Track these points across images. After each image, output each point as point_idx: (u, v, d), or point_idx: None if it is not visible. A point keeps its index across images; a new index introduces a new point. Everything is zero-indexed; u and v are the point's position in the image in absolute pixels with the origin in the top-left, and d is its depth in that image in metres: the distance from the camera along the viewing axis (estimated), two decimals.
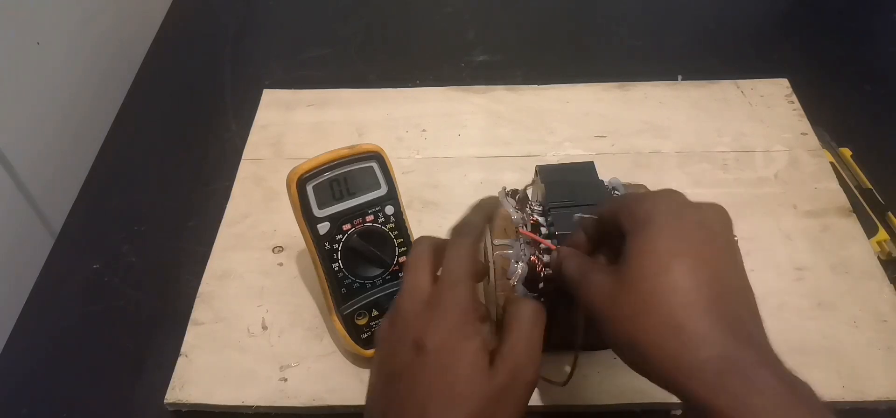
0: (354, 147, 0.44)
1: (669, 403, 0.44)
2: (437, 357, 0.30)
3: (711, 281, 0.29)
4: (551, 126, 0.63)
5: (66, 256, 0.56)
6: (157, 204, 0.59)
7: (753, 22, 0.79)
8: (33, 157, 0.59)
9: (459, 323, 0.31)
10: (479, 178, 0.58)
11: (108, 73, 0.70)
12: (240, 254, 0.53)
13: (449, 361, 0.30)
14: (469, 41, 0.75)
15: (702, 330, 0.27)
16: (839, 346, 0.46)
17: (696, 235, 0.30)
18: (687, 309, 0.28)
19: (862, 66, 0.71)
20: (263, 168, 0.60)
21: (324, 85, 0.68)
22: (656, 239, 0.30)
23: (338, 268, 0.44)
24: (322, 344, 0.47)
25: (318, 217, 0.43)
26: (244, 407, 0.44)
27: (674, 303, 0.28)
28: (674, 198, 0.32)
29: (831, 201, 0.55)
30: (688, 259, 0.29)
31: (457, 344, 0.31)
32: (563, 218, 0.41)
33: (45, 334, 0.51)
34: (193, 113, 0.68)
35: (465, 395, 0.30)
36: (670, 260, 0.29)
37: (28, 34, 0.59)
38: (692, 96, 0.65)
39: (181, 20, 0.80)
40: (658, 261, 0.29)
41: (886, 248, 0.53)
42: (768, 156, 0.59)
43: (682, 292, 0.28)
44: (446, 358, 0.30)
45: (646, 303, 0.29)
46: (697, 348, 0.27)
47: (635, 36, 0.76)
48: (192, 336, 0.48)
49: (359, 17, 0.79)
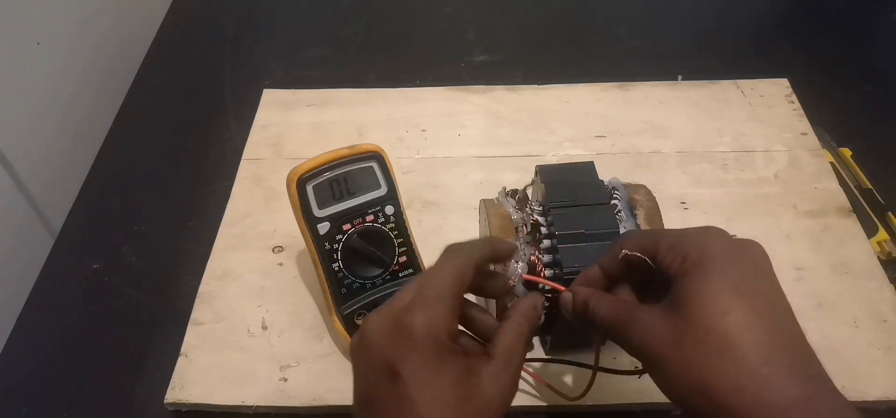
0: (354, 147, 0.44)
1: (669, 403, 0.44)
2: (412, 386, 0.28)
3: (773, 320, 0.28)
4: (551, 126, 0.63)
5: (66, 256, 0.56)
6: (157, 204, 0.59)
7: (753, 22, 0.79)
8: (33, 157, 0.59)
9: (434, 350, 0.29)
10: (479, 178, 0.58)
11: (108, 73, 0.70)
12: (240, 254, 0.53)
13: (425, 390, 0.29)
14: (469, 41, 0.75)
15: (781, 372, 0.27)
16: (839, 346, 0.46)
17: (752, 275, 0.30)
18: (762, 350, 0.27)
19: (862, 66, 0.71)
20: (263, 168, 0.60)
21: (324, 85, 0.68)
22: (717, 280, 0.29)
23: (338, 268, 0.44)
24: (322, 344, 0.47)
25: (318, 217, 0.43)
26: (244, 407, 0.44)
27: (748, 344, 0.27)
28: (723, 237, 0.31)
29: (831, 201, 0.55)
30: (751, 299, 0.28)
31: (434, 372, 0.29)
32: (563, 218, 0.41)
33: (45, 334, 0.51)
34: (193, 113, 0.68)
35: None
36: (735, 300, 0.28)
37: (28, 34, 0.59)
38: (692, 96, 0.65)
39: (181, 20, 0.80)
40: (724, 301, 0.28)
41: (886, 248, 0.53)
42: (768, 156, 0.59)
43: (755, 332, 0.27)
44: (422, 388, 0.29)
45: (718, 346, 0.28)
46: (780, 391, 0.26)
47: (635, 36, 0.76)
48: (192, 336, 0.48)
49: (359, 17, 0.79)
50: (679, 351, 0.29)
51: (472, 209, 0.51)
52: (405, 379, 0.28)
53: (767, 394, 0.26)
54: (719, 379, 0.27)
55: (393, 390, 0.29)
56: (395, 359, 0.29)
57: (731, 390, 0.27)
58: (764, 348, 0.27)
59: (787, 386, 0.27)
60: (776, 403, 0.26)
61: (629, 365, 0.36)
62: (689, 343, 0.28)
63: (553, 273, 0.40)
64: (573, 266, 0.39)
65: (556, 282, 0.40)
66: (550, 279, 0.40)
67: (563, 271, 0.39)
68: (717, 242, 0.30)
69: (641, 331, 0.30)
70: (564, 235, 0.40)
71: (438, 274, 0.32)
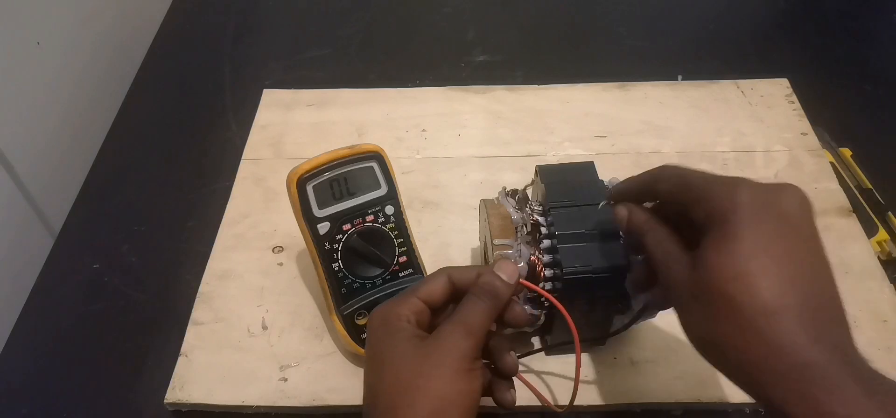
0: (354, 147, 0.44)
1: (669, 403, 0.44)
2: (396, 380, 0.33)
3: (795, 282, 0.28)
4: (551, 126, 0.63)
5: (66, 256, 0.56)
6: (157, 204, 0.59)
7: (753, 22, 0.79)
8: (33, 157, 0.59)
9: (455, 363, 0.33)
10: (479, 178, 0.58)
11: (108, 73, 0.70)
12: (240, 254, 0.53)
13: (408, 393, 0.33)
14: (469, 41, 0.75)
15: (786, 338, 0.27)
16: None
17: (779, 233, 0.29)
18: (771, 316, 0.28)
19: (862, 66, 0.71)
20: (263, 168, 0.60)
21: (324, 85, 0.68)
22: (738, 239, 0.29)
23: (338, 268, 0.44)
24: (322, 344, 0.47)
25: (318, 217, 0.43)
26: (244, 407, 0.44)
27: (756, 308, 0.28)
28: (752, 192, 0.31)
29: (831, 201, 0.55)
30: (771, 261, 0.29)
31: (411, 377, 0.33)
32: (563, 218, 0.41)
33: (45, 334, 0.51)
34: (193, 113, 0.68)
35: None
36: (753, 263, 0.29)
37: (28, 34, 0.59)
38: (692, 96, 0.65)
39: (181, 20, 0.80)
40: (741, 263, 0.29)
41: (886, 248, 0.53)
42: (768, 156, 0.59)
43: (766, 298, 0.28)
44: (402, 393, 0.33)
45: (728, 306, 0.29)
46: (781, 355, 0.27)
47: (635, 36, 0.76)
48: (192, 336, 0.48)
49: (359, 17, 0.79)
50: (696, 306, 0.31)
51: (472, 209, 0.51)
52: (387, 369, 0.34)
53: (768, 360, 0.28)
54: (726, 338, 0.29)
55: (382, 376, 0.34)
56: (382, 351, 0.34)
57: (735, 349, 0.29)
58: (773, 314, 0.28)
59: (789, 352, 0.27)
60: (775, 367, 0.27)
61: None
62: (704, 299, 0.30)
63: (553, 273, 0.40)
64: (573, 266, 0.39)
65: (555, 282, 0.40)
66: (550, 279, 0.40)
67: (563, 271, 0.39)
68: (744, 198, 0.30)
69: (670, 276, 0.32)
70: (564, 235, 0.40)
71: (478, 308, 0.35)
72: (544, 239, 0.41)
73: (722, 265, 0.29)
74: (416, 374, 0.32)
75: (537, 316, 0.41)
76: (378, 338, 0.35)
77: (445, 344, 0.33)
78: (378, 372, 0.34)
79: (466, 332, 0.34)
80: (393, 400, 0.32)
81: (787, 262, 0.29)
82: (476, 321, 0.34)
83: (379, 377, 0.34)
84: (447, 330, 0.34)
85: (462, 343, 0.33)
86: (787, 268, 0.29)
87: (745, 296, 0.28)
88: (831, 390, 0.26)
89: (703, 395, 0.44)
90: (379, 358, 0.34)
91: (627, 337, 0.46)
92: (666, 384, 0.44)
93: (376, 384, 0.34)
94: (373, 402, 0.34)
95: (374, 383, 0.34)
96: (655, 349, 0.46)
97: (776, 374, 0.28)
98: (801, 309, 0.28)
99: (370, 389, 0.34)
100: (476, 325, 0.34)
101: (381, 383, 0.33)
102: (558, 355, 0.46)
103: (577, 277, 0.39)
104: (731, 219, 0.30)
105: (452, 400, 0.32)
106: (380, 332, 0.35)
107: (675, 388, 0.44)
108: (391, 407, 0.32)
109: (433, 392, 0.32)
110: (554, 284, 0.40)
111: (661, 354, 0.46)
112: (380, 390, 0.33)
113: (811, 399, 0.26)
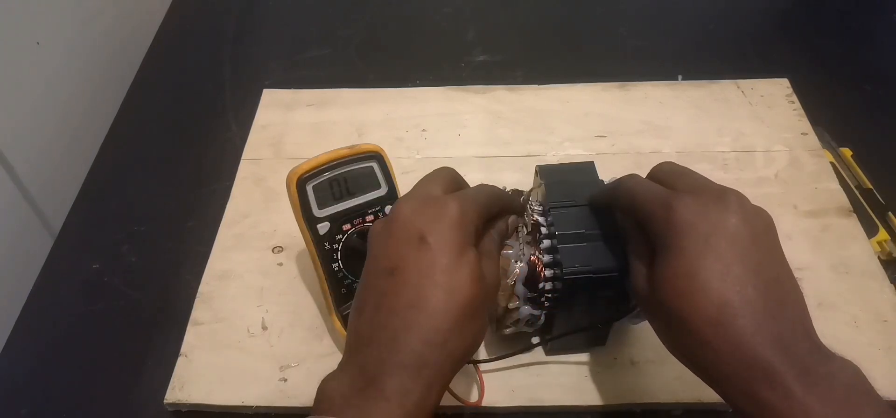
0: (354, 147, 0.44)
1: (669, 403, 0.44)
2: (438, 253, 0.31)
3: (738, 289, 0.30)
4: (551, 126, 0.63)
5: (66, 256, 0.56)
6: (157, 204, 0.59)
7: (753, 22, 0.79)
8: (33, 157, 0.59)
9: (463, 230, 0.33)
10: (479, 178, 0.57)
11: (108, 73, 0.70)
12: (240, 254, 0.53)
13: (449, 260, 0.31)
14: (469, 41, 0.75)
15: (731, 345, 0.29)
16: (839, 346, 0.45)
17: (718, 244, 0.31)
18: (716, 326, 0.30)
19: (862, 66, 0.71)
20: (263, 168, 0.60)
21: (324, 85, 0.68)
22: (679, 257, 0.31)
23: (338, 268, 0.44)
24: (322, 344, 0.47)
25: (318, 217, 0.43)
26: (244, 407, 0.44)
27: (703, 320, 0.30)
28: (688, 207, 0.32)
29: (831, 201, 0.55)
30: (711, 275, 0.30)
31: (459, 248, 0.32)
32: (563, 218, 0.41)
33: (45, 334, 0.51)
34: (193, 113, 0.68)
35: (462, 293, 0.31)
36: (694, 280, 0.30)
37: (28, 34, 0.59)
38: (692, 96, 0.65)
39: (181, 20, 0.80)
40: (682, 282, 0.31)
41: (887, 248, 0.53)
42: (768, 156, 0.59)
43: (710, 312, 0.30)
44: (447, 258, 0.31)
45: (678, 321, 0.31)
46: (729, 360, 0.29)
47: (635, 36, 0.76)
48: (192, 336, 0.48)
49: (359, 17, 0.79)
50: (654, 320, 0.34)
51: None
52: (431, 245, 0.31)
53: (722, 364, 0.30)
54: (683, 349, 0.32)
55: (418, 254, 0.31)
56: (426, 230, 0.32)
57: (695, 358, 0.31)
58: (717, 323, 0.30)
59: (742, 352, 0.29)
60: (728, 370, 0.30)
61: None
62: (660, 317, 0.33)
63: (553, 273, 0.40)
64: (573, 266, 0.39)
65: (555, 282, 0.40)
66: (550, 279, 0.40)
67: (564, 271, 0.39)
68: (679, 217, 0.32)
69: (635, 290, 0.35)
70: (564, 235, 0.40)
71: (477, 188, 0.37)
72: (544, 239, 0.40)
73: (667, 284, 0.32)
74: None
75: (537, 316, 0.41)
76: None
77: (492, 289, 0.35)
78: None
79: (461, 198, 0.34)
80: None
81: (727, 272, 0.30)
82: (470, 192, 0.36)
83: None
84: (490, 270, 0.35)
85: (453, 206, 0.33)
86: (728, 279, 0.30)
87: (690, 312, 0.30)
88: (774, 387, 0.28)
89: (703, 395, 0.44)
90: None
91: (627, 337, 0.46)
92: (666, 384, 0.44)
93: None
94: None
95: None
96: (655, 349, 0.46)
97: (727, 378, 0.30)
98: (746, 313, 0.29)
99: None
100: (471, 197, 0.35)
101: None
102: (558, 355, 0.46)
103: (577, 277, 0.39)
104: (671, 238, 0.32)
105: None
106: (445, 227, 0.33)
107: (675, 388, 0.44)
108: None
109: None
110: (554, 284, 0.40)
111: (661, 354, 0.45)
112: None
113: (757, 398, 0.28)
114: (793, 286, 0.31)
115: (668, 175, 0.36)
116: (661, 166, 0.38)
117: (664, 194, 0.34)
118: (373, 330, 0.31)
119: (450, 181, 0.37)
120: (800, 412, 0.27)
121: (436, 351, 0.30)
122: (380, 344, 0.31)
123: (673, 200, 0.33)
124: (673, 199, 0.33)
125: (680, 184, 0.34)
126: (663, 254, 0.32)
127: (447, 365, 0.31)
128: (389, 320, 0.31)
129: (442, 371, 0.31)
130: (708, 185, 0.34)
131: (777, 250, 0.32)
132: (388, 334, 0.30)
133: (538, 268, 0.40)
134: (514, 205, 0.41)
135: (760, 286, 0.30)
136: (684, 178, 0.35)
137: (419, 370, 0.30)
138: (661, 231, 0.33)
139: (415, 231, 0.32)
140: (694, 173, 0.36)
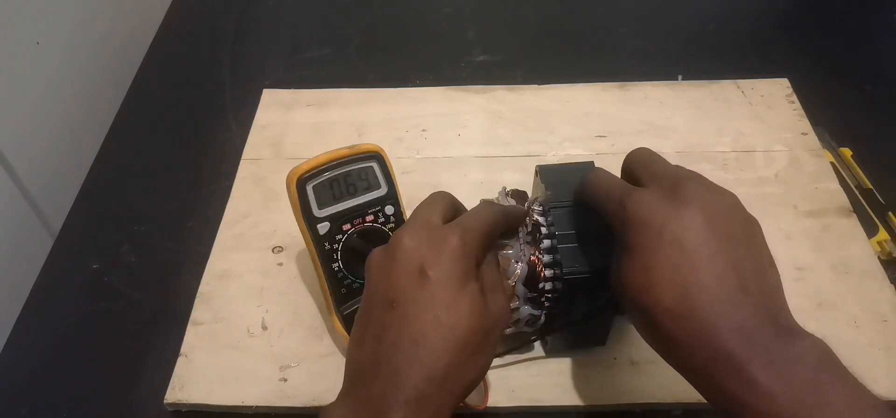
0: (354, 147, 0.44)
1: (669, 403, 0.44)
2: (438, 287, 0.31)
3: (696, 279, 0.30)
4: (551, 126, 0.63)
5: (66, 256, 0.56)
6: (157, 204, 0.59)
7: (753, 22, 0.79)
8: (33, 157, 0.59)
9: (464, 262, 0.32)
10: (479, 178, 0.58)
11: (108, 73, 0.70)
12: (240, 254, 0.53)
13: (450, 294, 0.31)
14: (469, 41, 0.75)
15: (693, 338, 0.29)
16: (839, 346, 0.45)
17: (674, 236, 0.31)
18: (677, 319, 0.30)
19: (862, 66, 0.71)
20: (263, 168, 0.60)
21: (324, 85, 0.68)
22: (637, 253, 0.32)
23: (338, 268, 0.44)
24: (322, 344, 0.47)
25: (318, 217, 0.43)
26: (244, 407, 0.44)
27: (665, 314, 0.30)
28: (642, 202, 0.32)
29: (831, 201, 0.55)
30: (668, 269, 0.30)
31: (460, 281, 0.32)
32: (563, 218, 0.41)
33: (45, 334, 0.51)
34: (193, 113, 0.68)
35: (462, 329, 0.31)
36: (652, 274, 0.31)
37: (28, 34, 0.59)
38: (692, 96, 0.65)
39: (181, 20, 0.80)
40: (641, 277, 0.31)
41: (887, 248, 0.53)
42: (768, 156, 0.59)
43: (670, 304, 0.30)
44: (449, 292, 0.31)
45: (644, 315, 0.32)
46: (694, 353, 0.29)
47: (635, 36, 0.76)
48: (192, 336, 0.48)
49: (359, 17, 0.79)
50: (630, 315, 0.34)
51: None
52: (432, 278, 0.31)
53: (688, 358, 0.30)
54: (656, 345, 0.32)
55: (419, 288, 0.31)
56: (427, 262, 0.32)
57: (668, 353, 0.31)
58: (678, 316, 0.30)
59: (705, 344, 0.29)
60: (694, 364, 0.30)
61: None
62: (632, 313, 0.34)
63: (553, 273, 0.40)
64: (573, 266, 0.39)
65: (555, 282, 0.40)
66: (550, 279, 0.40)
67: (564, 271, 0.39)
68: (633, 213, 0.32)
69: (611, 273, 0.35)
70: (565, 235, 0.40)
71: (477, 212, 0.36)
72: (544, 239, 0.41)
73: (629, 279, 0.32)
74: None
75: (537, 316, 0.41)
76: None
77: (501, 319, 0.34)
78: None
79: (462, 229, 0.33)
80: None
81: (683, 264, 0.30)
82: (471, 221, 0.35)
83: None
84: (497, 323, 0.34)
85: (506, 317, 0.34)
86: (683, 270, 0.30)
87: (653, 307, 0.31)
88: (738, 377, 0.28)
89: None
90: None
91: (627, 337, 0.46)
92: (666, 384, 0.44)
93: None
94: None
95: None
96: None
97: (697, 370, 0.30)
98: (704, 304, 0.29)
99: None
100: (472, 224, 0.35)
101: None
102: (558, 355, 0.46)
103: (577, 277, 0.39)
104: (627, 235, 0.32)
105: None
106: (447, 259, 0.33)
107: (675, 388, 0.44)
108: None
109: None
110: (554, 284, 0.40)
111: None
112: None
113: (723, 389, 0.28)
114: (757, 268, 0.31)
115: (635, 165, 0.36)
116: (631, 154, 0.38)
117: (619, 190, 0.34)
118: (375, 364, 0.31)
119: (448, 207, 0.36)
120: (763, 401, 0.27)
121: (436, 386, 0.30)
122: (382, 378, 0.31)
123: (626, 197, 0.33)
124: (626, 196, 0.33)
125: (644, 175, 0.34)
126: (624, 250, 0.32)
127: (448, 401, 0.31)
128: (392, 354, 0.31)
129: (443, 405, 0.31)
130: (667, 174, 0.34)
131: (740, 233, 0.31)
132: (390, 368, 0.30)
133: (538, 268, 0.40)
134: (518, 218, 0.41)
135: (719, 274, 0.30)
136: (648, 168, 0.35)
137: (420, 405, 0.30)
138: (618, 228, 0.33)
139: (415, 263, 0.32)
140: (659, 161, 0.36)
